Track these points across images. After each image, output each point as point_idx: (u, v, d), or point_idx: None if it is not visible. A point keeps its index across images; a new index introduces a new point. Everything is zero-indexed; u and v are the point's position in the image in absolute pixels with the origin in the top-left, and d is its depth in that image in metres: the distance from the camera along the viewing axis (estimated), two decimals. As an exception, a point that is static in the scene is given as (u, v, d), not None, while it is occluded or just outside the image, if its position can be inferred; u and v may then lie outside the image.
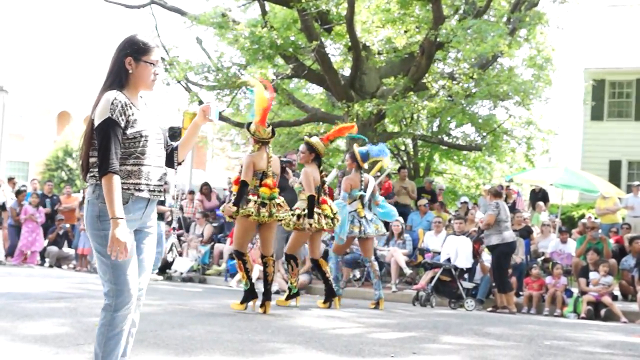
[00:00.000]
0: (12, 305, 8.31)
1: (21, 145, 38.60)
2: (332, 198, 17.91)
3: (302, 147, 10.49)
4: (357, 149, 11.40)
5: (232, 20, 19.62)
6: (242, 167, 9.54)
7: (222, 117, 19.51)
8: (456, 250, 12.53)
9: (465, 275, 13.05)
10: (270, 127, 9.60)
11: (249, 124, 9.57)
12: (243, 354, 5.90)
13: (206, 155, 36.53)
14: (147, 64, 4.24)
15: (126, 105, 4.10)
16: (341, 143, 26.64)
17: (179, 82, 19.86)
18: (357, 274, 14.80)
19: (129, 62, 4.20)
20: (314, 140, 10.38)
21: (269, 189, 9.28)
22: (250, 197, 9.22)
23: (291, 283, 10.33)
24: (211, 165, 39.80)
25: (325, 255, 12.61)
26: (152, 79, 4.29)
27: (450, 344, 7.34)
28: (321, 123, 23.29)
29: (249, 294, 9.47)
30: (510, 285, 12.66)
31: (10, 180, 20.38)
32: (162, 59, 20.93)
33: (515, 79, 20.43)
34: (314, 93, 26.64)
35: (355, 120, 18.41)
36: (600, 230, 15.50)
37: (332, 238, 12.45)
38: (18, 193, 18.41)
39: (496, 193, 13.07)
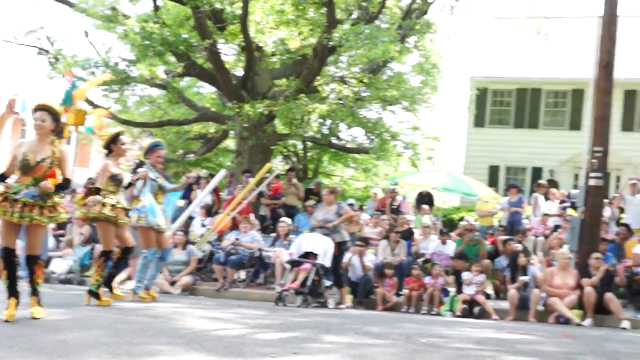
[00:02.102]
0: None
1: None
2: (219, 197, 18.00)
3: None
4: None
5: (122, 14, 19.23)
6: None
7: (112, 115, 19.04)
8: (325, 250, 12.45)
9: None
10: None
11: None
12: (119, 357, 5.77)
13: (90, 153, 35.49)
14: None
15: None
16: (230, 143, 26.55)
17: (64, 76, 19.28)
18: (242, 275, 14.82)
19: None
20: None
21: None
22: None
23: (96, 280, 10.02)
24: (95, 163, 38.68)
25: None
26: None
27: (331, 343, 7.42)
28: (211, 122, 23.15)
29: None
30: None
31: None
32: (46, 51, 20.37)
33: (404, 85, 20.95)
34: (205, 92, 26.45)
35: (246, 120, 18.44)
36: (477, 233, 16.02)
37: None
38: None
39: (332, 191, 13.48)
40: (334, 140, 25.35)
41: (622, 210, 16.38)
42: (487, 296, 13.45)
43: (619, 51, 13.97)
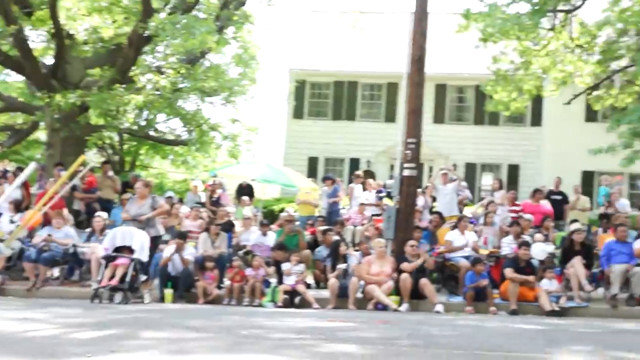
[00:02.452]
0: None
1: None
2: (28, 192, 17.11)
3: None
4: None
5: None
6: None
7: None
8: (141, 244, 12.20)
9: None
10: None
11: None
12: None
13: None
14: None
15: None
16: (41, 135, 25.36)
17: None
18: (56, 272, 14.18)
19: None
20: None
21: None
22: None
23: None
24: None
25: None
26: None
27: (150, 339, 7.28)
28: (19, 113, 21.98)
29: None
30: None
31: None
32: None
33: (223, 76, 20.87)
34: (11, 81, 25.04)
35: (57, 111, 17.66)
36: (298, 223, 16.29)
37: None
38: None
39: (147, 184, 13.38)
40: (151, 132, 24.72)
41: (434, 199, 17.10)
42: (308, 286, 13.63)
43: (430, 46, 14.51)
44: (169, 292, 12.94)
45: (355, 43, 27.49)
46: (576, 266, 12.72)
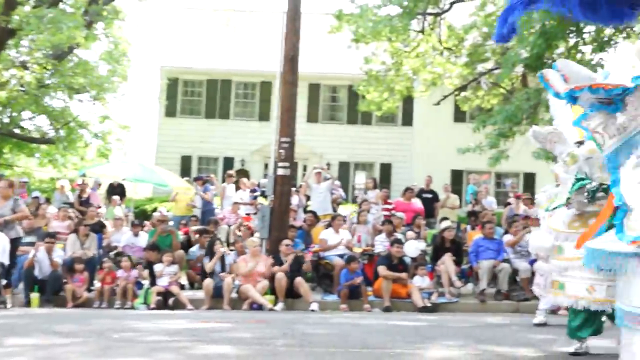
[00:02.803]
0: None
1: None
2: None
3: None
4: None
5: None
6: None
7: None
8: (3, 246, 11.62)
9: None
10: None
11: None
12: None
13: None
14: None
15: None
16: None
17: None
18: None
19: None
20: None
21: None
22: None
23: None
24: None
25: None
26: None
27: (16, 346, 7.05)
28: None
29: None
30: None
31: None
32: None
33: (92, 73, 20.42)
34: None
35: None
36: (171, 223, 16.10)
37: None
38: None
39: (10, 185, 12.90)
40: (15, 130, 23.82)
41: (308, 198, 17.28)
42: (182, 287, 13.48)
43: (304, 46, 14.67)
44: (35, 296, 12.45)
45: (228, 41, 27.40)
46: (446, 263, 13.14)
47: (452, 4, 19.70)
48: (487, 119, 18.05)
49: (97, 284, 13.22)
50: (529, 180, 25.72)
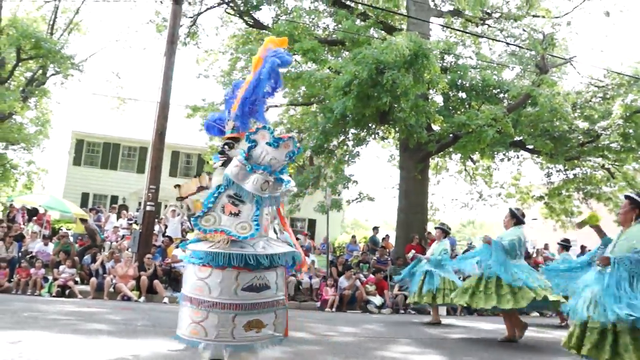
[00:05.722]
0: None
1: None
2: None
3: None
4: None
5: None
6: None
7: None
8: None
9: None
10: None
11: None
12: None
13: None
14: None
15: None
16: None
17: None
18: None
19: None
20: None
21: None
22: None
23: None
24: None
25: None
26: None
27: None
28: None
29: None
30: None
31: None
32: None
33: (24, 132, 20.24)
34: None
35: None
36: (71, 238, 15.61)
37: None
38: None
39: None
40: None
41: (166, 227, 17.11)
42: (76, 282, 13.05)
43: (170, 125, 14.33)
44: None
45: (119, 118, 26.80)
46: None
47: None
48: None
49: (16, 277, 12.74)
50: (312, 224, 27.41)
